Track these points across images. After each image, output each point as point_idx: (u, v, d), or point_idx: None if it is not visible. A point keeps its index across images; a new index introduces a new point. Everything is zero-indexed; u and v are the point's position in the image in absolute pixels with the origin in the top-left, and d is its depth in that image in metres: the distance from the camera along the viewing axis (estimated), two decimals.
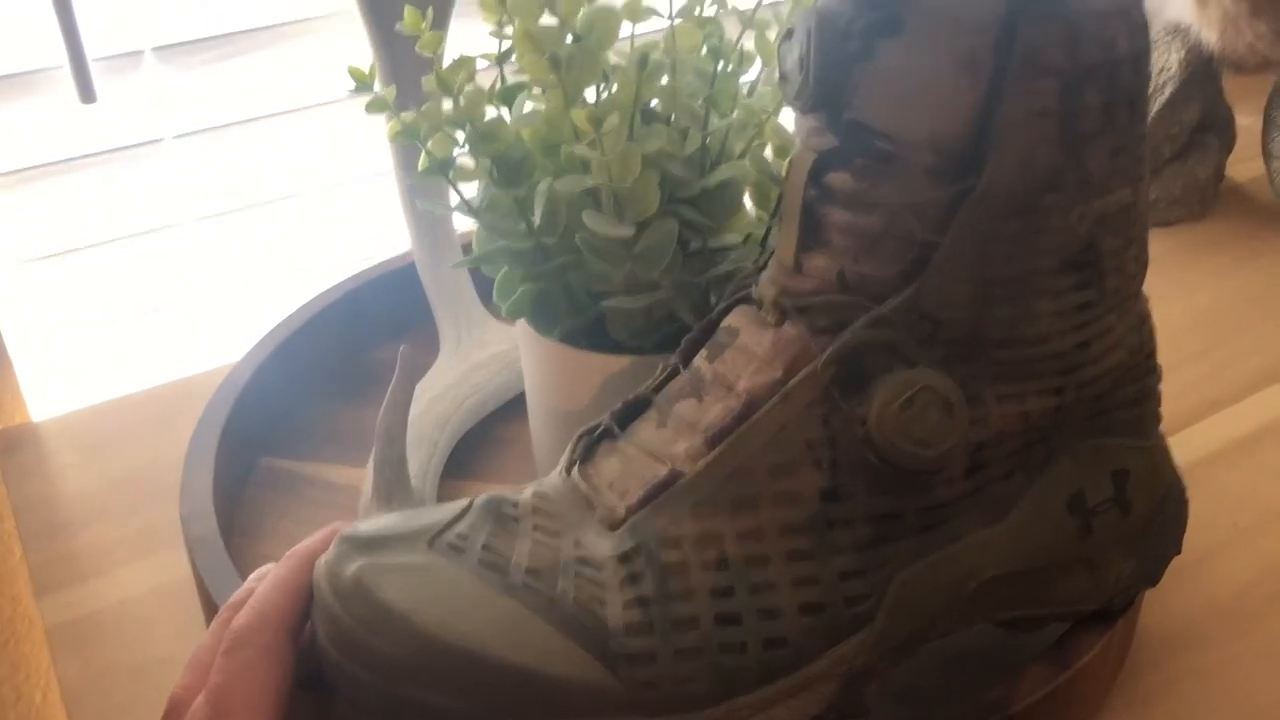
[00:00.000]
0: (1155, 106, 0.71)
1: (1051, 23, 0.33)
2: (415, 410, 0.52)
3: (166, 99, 0.60)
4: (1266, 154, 0.73)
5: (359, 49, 0.55)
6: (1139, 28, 0.35)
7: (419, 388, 0.54)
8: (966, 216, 0.34)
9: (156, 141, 0.60)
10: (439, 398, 0.53)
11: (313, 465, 0.54)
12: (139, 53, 0.58)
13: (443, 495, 0.51)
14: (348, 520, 0.50)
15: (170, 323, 0.65)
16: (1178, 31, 0.70)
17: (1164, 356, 0.62)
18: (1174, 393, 0.61)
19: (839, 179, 0.35)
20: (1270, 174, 0.73)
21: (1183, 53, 0.70)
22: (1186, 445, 0.57)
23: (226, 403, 0.53)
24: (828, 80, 0.34)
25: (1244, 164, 0.80)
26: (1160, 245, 0.73)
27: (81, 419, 0.59)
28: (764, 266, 0.39)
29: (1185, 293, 0.69)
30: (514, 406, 0.56)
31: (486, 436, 0.56)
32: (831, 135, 0.35)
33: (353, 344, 0.61)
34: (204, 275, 0.65)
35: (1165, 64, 0.71)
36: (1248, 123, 0.77)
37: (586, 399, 0.46)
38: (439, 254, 0.58)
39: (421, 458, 0.49)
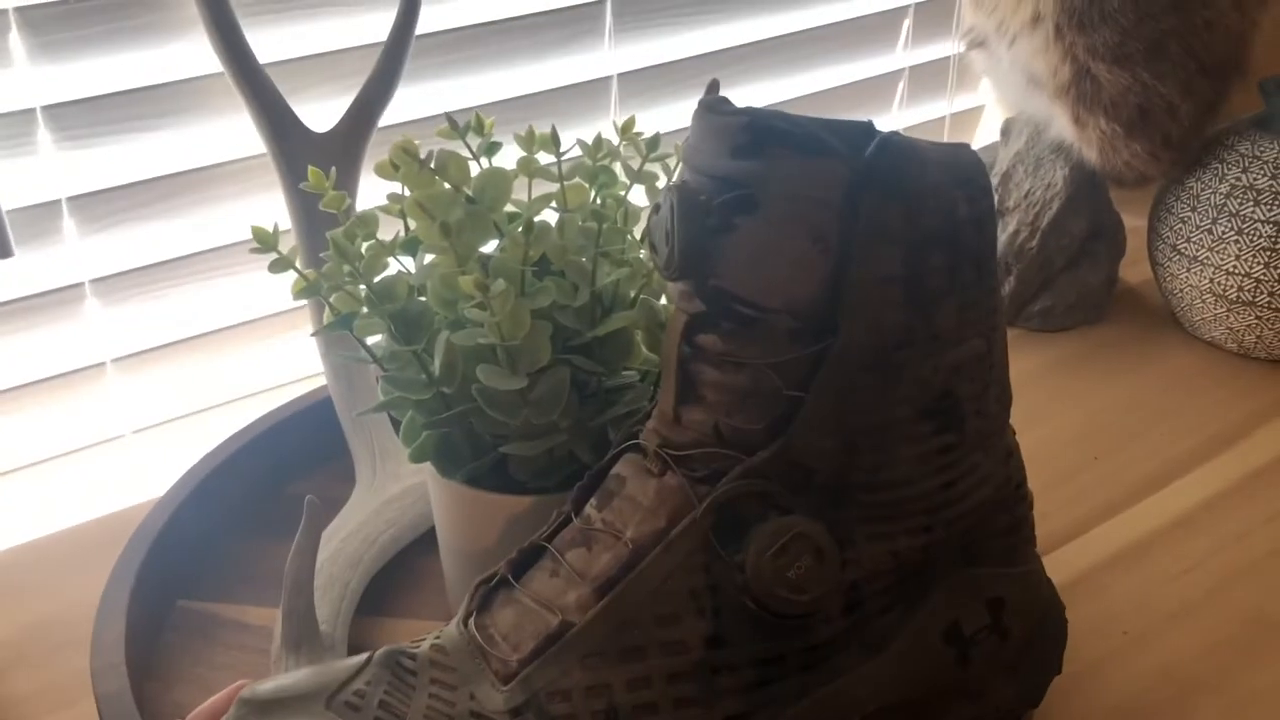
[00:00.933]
0: (1045, 221, 0.75)
1: (891, 198, 0.36)
2: (328, 550, 0.52)
3: (85, 250, 0.61)
4: (1153, 261, 0.77)
5: (277, 198, 0.57)
6: (980, 193, 0.38)
7: (333, 525, 0.55)
8: (826, 374, 0.36)
9: (77, 286, 0.61)
10: (352, 535, 0.54)
11: (229, 607, 0.55)
12: (56, 201, 0.60)
13: (356, 635, 0.52)
14: (261, 664, 0.51)
15: (88, 462, 0.66)
16: (1061, 150, 0.74)
17: (1059, 462, 0.65)
18: (1069, 498, 0.63)
19: (708, 340, 0.38)
20: (1158, 280, 0.77)
21: (1067, 170, 0.74)
22: (1082, 552, 0.59)
23: (143, 545, 0.53)
24: (691, 252, 0.37)
25: (1135, 266, 0.83)
26: (1056, 351, 0.76)
27: None
28: (651, 414, 0.41)
29: (1081, 397, 0.71)
30: (430, 538, 0.57)
31: (402, 569, 0.57)
32: (699, 300, 0.37)
33: (271, 480, 0.62)
34: (122, 415, 0.66)
35: (1051, 181, 0.75)
36: (1138, 225, 0.81)
37: (493, 539, 0.48)
38: (354, 390, 0.59)
39: (333, 600, 0.50)
